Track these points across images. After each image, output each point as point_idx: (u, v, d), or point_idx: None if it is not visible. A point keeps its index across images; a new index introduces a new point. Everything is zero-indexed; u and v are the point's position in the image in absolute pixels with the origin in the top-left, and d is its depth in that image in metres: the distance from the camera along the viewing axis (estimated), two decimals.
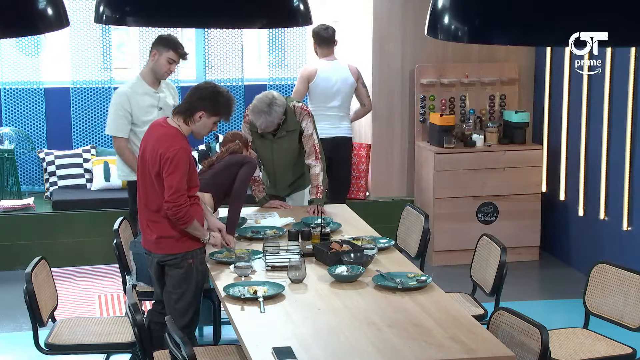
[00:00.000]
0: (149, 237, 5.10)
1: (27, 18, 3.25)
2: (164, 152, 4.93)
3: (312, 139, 6.21)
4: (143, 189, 5.08)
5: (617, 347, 4.90)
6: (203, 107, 5.05)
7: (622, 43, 3.29)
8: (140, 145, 5.16)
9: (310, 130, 6.20)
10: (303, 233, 5.43)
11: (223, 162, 5.73)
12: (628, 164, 7.00)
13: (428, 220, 5.85)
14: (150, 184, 5.02)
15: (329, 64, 7.48)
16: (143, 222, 5.13)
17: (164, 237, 5.03)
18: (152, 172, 4.98)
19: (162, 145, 4.96)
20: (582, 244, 7.69)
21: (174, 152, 4.91)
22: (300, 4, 4.04)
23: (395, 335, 4.23)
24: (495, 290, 5.26)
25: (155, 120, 5.31)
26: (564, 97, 7.76)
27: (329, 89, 7.41)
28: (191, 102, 5.06)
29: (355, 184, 8.18)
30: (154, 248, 5.08)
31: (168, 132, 5.02)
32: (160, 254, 5.07)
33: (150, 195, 5.03)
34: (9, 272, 7.56)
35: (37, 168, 8.32)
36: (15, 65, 8.21)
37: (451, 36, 3.14)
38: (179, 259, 5.05)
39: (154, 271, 5.15)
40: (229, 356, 4.74)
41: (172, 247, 5.05)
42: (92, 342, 5.03)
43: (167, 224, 5.02)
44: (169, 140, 4.97)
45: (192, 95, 5.08)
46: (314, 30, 7.47)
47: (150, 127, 5.18)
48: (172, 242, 5.04)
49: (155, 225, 5.05)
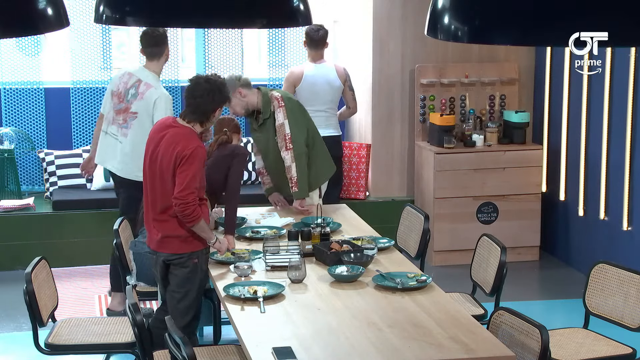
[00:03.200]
0: (154, 237, 5.10)
1: (27, 18, 3.25)
2: (181, 150, 4.96)
3: (282, 129, 6.19)
4: (151, 189, 5.08)
5: (617, 347, 4.90)
6: (216, 105, 5.11)
7: (622, 43, 3.29)
8: (148, 145, 5.16)
9: (281, 120, 6.19)
10: (303, 233, 5.43)
11: (213, 159, 5.70)
12: (628, 164, 7.00)
13: (428, 220, 5.85)
14: (160, 184, 5.03)
15: (315, 68, 7.44)
16: (149, 222, 5.13)
17: (170, 237, 5.04)
18: (166, 171, 4.99)
19: (179, 143, 4.98)
20: (582, 244, 7.69)
21: (191, 150, 4.95)
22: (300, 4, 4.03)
23: (395, 335, 4.23)
24: (495, 290, 5.26)
25: (161, 119, 5.32)
26: (564, 97, 7.76)
27: (315, 93, 7.39)
28: (204, 107, 5.08)
29: (355, 184, 8.18)
30: (160, 247, 5.09)
31: (182, 132, 5.06)
32: (166, 253, 5.07)
33: (158, 194, 5.04)
34: (9, 272, 7.56)
35: (37, 168, 8.32)
36: (15, 65, 8.21)
37: (451, 36, 3.14)
38: (185, 259, 5.05)
39: (158, 270, 5.16)
40: (229, 356, 4.74)
41: (178, 247, 5.05)
42: (92, 342, 5.04)
43: (174, 224, 5.03)
44: (186, 138, 5.01)
45: (202, 101, 5.06)
46: (306, 30, 7.42)
47: (158, 126, 5.18)
48: (179, 242, 5.05)
49: (162, 224, 5.05)
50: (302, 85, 7.37)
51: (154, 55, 6.52)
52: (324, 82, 7.45)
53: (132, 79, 6.50)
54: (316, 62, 7.48)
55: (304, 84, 7.38)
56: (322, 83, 7.44)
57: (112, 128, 6.54)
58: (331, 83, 7.48)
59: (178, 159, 4.95)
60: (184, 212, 4.93)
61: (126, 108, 6.48)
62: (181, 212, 4.94)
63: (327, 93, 7.47)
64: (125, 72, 6.60)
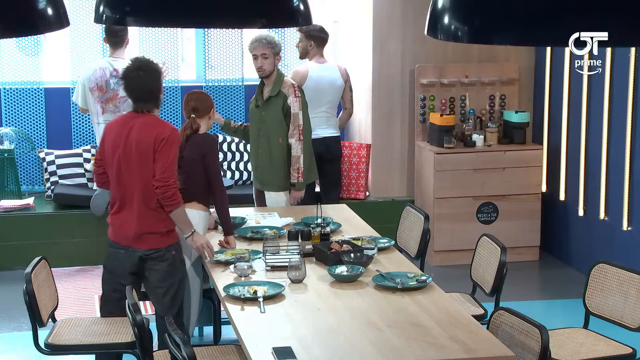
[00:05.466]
0: (127, 232, 5.12)
1: (27, 18, 3.25)
2: (159, 133, 5.02)
3: (297, 118, 6.45)
4: (129, 182, 5.09)
5: (617, 347, 4.90)
6: (159, 83, 5.16)
7: (622, 43, 3.29)
8: (112, 143, 5.14)
9: (296, 110, 6.44)
10: (303, 233, 5.43)
11: (186, 159, 5.47)
12: (628, 164, 7.00)
13: (428, 220, 5.85)
14: (140, 173, 5.05)
15: (319, 67, 7.46)
16: (120, 217, 5.14)
17: (150, 233, 5.09)
18: (146, 156, 5.02)
19: (154, 129, 5.04)
20: (582, 244, 7.69)
21: (169, 134, 5.03)
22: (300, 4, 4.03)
23: (395, 335, 4.23)
24: (495, 290, 5.26)
25: (118, 117, 5.36)
26: (564, 97, 7.76)
27: (318, 93, 7.39)
28: (152, 89, 5.12)
29: (355, 184, 8.18)
30: (137, 243, 5.12)
31: (152, 119, 5.13)
32: (144, 249, 5.11)
33: (138, 186, 5.07)
34: (9, 272, 7.57)
35: (37, 168, 8.32)
36: (15, 65, 8.21)
37: (451, 36, 3.14)
38: (163, 252, 5.13)
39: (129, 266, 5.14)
40: (229, 356, 4.74)
41: (156, 242, 5.11)
42: (92, 342, 5.03)
43: (155, 219, 5.08)
44: (158, 124, 5.11)
45: (150, 86, 5.11)
46: (311, 32, 7.41)
47: (122, 122, 5.19)
48: (158, 237, 5.11)
49: (142, 220, 5.08)
50: (306, 84, 7.37)
51: (117, 44, 7.30)
52: (327, 82, 7.46)
53: (107, 70, 7.21)
54: (320, 61, 7.49)
55: (309, 83, 7.37)
56: (325, 83, 7.45)
57: (106, 116, 7.07)
58: (334, 83, 7.49)
59: (157, 143, 5.00)
60: (165, 194, 4.97)
61: (114, 95, 7.15)
62: (162, 195, 4.98)
63: (330, 93, 7.47)
64: (97, 68, 7.28)
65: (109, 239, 5.24)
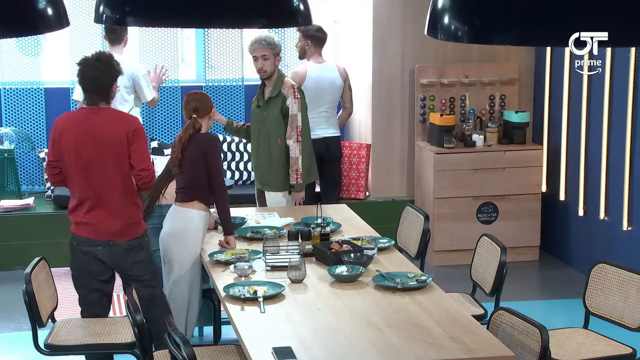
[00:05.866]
0: (111, 228, 5.18)
1: (27, 18, 3.25)
2: (129, 127, 5.12)
3: (296, 120, 6.48)
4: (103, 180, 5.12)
5: (617, 347, 4.90)
6: (113, 80, 5.20)
7: (622, 43, 3.29)
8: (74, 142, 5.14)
9: (295, 111, 6.47)
10: (303, 233, 5.43)
11: (188, 159, 5.48)
12: (628, 164, 7.00)
13: (428, 220, 5.85)
14: (116, 168, 5.12)
15: (318, 67, 7.46)
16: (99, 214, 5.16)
17: (131, 224, 5.22)
18: (121, 150, 5.10)
19: (123, 123, 5.15)
20: (582, 244, 7.69)
21: (135, 125, 5.17)
22: (300, 4, 4.03)
23: (395, 335, 4.23)
24: (495, 290, 5.26)
25: (72, 113, 5.43)
26: (564, 97, 7.75)
27: (318, 93, 7.39)
28: (105, 84, 5.17)
29: (355, 184, 8.18)
30: (121, 236, 5.21)
31: (113, 114, 5.23)
32: (126, 240, 5.22)
33: (118, 180, 5.14)
34: (9, 272, 7.57)
35: (37, 168, 8.32)
36: (15, 65, 8.22)
37: (451, 36, 3.14)
38: (141, 239, 5.27)
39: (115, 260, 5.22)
40: (229, 356, 4.74)
41: (135, 231, 5.24)
42: (92, 342, 5.03)
43: (133, 209, 5.22)
44: (123, 117, 5.27)
45: (102, 80, 5.15)
46: (309, 32, 7.40)
47: (75, 121, 5.20)
48: (135, 226, 5.25)
49: (124, 213, 5.18)
50: (306, 84, 7.36)
51: (115, 40, 7.48)
52: (327, 82, 7.46)
53: None
54: (318, 61, 7.48)
55: (308, 83, 7.37)
56: (325, 83, 7.45)
57: None
58: (334, 82, 7.49)
59: (130, 136, 5.10)
60: (151, 182, 5.17)
61: None
62: (150, 182, 5.16)
63: (330, 92, 7.47)
64: None
65: (78, 239, 5.23)
